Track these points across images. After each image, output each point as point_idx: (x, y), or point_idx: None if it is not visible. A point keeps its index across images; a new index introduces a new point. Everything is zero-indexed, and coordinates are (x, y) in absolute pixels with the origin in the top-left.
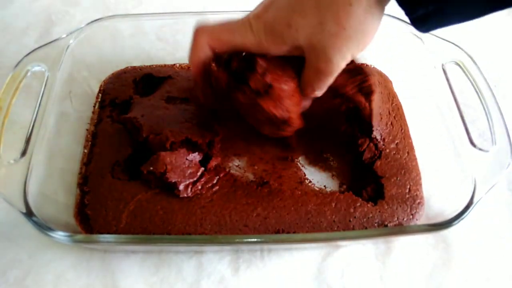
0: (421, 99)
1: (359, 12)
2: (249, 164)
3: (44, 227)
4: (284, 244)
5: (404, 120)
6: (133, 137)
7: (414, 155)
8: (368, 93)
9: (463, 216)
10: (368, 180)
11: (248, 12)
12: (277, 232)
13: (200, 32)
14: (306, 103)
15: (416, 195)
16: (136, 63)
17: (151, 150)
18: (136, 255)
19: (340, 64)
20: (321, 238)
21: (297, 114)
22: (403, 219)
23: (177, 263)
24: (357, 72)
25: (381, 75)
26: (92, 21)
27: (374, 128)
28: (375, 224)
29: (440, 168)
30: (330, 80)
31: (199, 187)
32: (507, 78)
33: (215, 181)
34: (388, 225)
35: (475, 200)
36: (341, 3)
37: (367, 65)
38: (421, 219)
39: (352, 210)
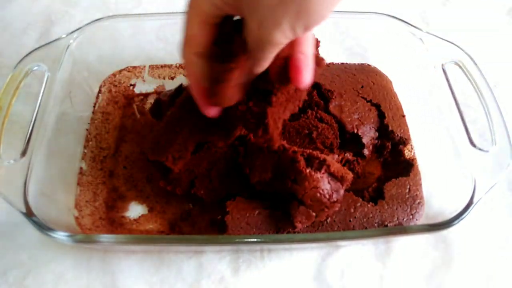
0: (421, 99)
1: None
2: None
3: (44, 227)
4: (284, 244)
5: (404, 120)
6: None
7: (414, 155)
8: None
9: (463, 216)
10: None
11: None
12: (277, 232)
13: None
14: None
15: (416, 195)
16: (136, 63)
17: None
18: (136, 255)
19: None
20: (321, 238)
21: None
22: (403, 219)
23: (177, 263)
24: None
25: (381, 75)
26: (92, 21)
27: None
28: (375, 224)
29: (440, 168)
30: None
31: None
32: (507, 78)
33: None
34: (388, 225)
35: (475, 200)
36: None
37: (368, 64)
38: (421, 219)
39: (352, 210)
